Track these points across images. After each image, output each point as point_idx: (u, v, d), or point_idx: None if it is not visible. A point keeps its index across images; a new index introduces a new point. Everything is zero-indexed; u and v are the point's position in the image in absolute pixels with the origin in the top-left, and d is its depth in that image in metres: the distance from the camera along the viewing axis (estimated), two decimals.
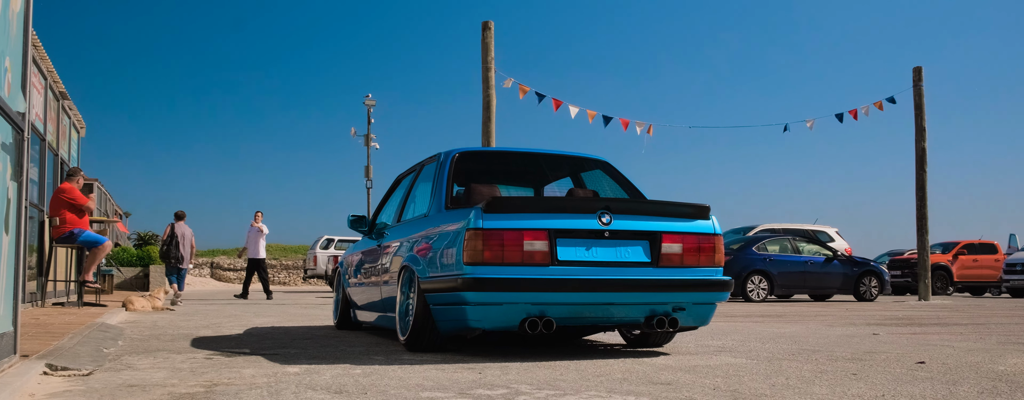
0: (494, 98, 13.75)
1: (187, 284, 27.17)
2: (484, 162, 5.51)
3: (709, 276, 4.48)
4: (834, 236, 21.10)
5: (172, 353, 4.60)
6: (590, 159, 5.60)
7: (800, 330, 6.78)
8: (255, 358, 4.33)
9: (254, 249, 15.81)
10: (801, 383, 3.37)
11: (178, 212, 14.62)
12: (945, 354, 4.63)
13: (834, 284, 16.22)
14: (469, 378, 3.50)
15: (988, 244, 24.15)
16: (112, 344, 5.09)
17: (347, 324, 6.82)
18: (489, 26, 13.96)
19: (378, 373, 3.67)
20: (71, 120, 13.20)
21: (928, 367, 3.97)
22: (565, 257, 4.25)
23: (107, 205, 24.93)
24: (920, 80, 17.31)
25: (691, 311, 4.47)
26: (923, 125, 17.13)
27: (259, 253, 15.77)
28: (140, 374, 3.62)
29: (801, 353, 4.70)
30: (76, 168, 10.43)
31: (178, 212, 14.62)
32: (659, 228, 4.41)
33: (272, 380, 3.42)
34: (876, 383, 3.38)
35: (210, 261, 32.64)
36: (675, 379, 3.49)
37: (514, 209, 4.24)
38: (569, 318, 4.31)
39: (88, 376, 3.54)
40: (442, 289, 4.32)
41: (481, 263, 4.14)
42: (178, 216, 14.59)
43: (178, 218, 14.57)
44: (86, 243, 9.51)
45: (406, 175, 6.09)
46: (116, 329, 6.36)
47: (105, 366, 3.90)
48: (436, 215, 4.79)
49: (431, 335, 4.57)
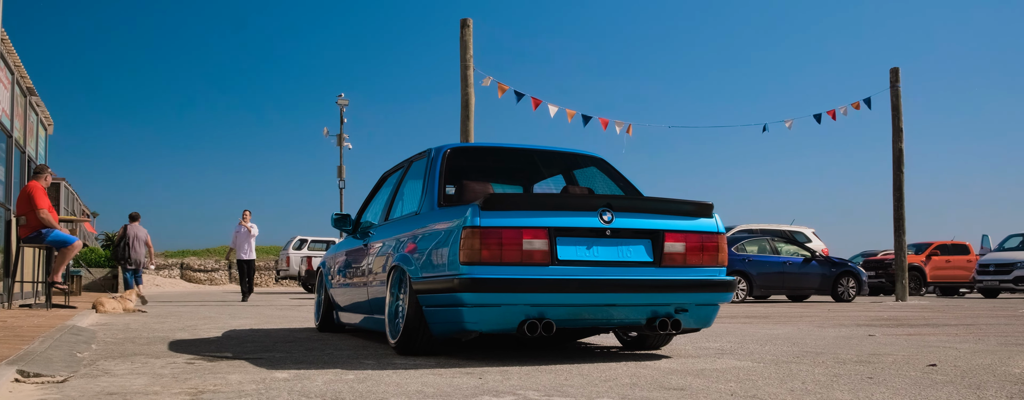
0: (473, 97, 13.57)
1: (157, 286, 26.76)
2: (476, 158, 5.32)
3: (712, 276, 4.32)
4: (811, 236, 21.13)
5: (150, 357, 4.37)
6: (585, 156, 5.43)
7: (793, 331, 6.66)
8: (239, 363, 4.12)
9: (243, 249, 15.46)
10: (819, 388, 3.22)
11: (132, 214, 14.62)
12: (952, 356, 4.51)
13: (812, 285, 16.20)
14: (470, 384, 3.32)
15: (960, 245, 24.31)
16: (85, 348, 4.84)
17: (329, 326, 6.61)
18: (468, 23, 13.79)
19: (373, 379, 3.48)
20: (39, 117, 12.83)
21: (941, 370, 3.84)
22: (565, 257, 4.07)
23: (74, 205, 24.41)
24: (897, 81, 17.35)
25: (694, 313, 4.31)
26: (900, 126, 17.17)
27: (249, 254, 15.42)
28: (119, 381, 3.40)
29: (805, 356, 4.56)
30: (43, 165, 10.10)
31: (132, 214, 14.62)
32: (661, 227, 4.25)
33: (261, 387, 3.22)
34: (897, 387, 3.24)
35: (180, 262, 32.12)
36: (686, 384, 3.33)
37: (513, 206, 4.06)
38: (569, 320, 4.14)
39: (63, 383, 3.31)
40: (437, 290, 4.13)
41: (478, 263, 3.96)
42: (132, 218, 14.57)
43: (132, 219, 14.55)
44: (55, 243, 9.19)
45: (393, 172, 5.88)
46: (88, 332, 6.10)
47: (80, 372, 3.67)
48: (429, 213, 4.60)
49: (423, 338, 4.38)
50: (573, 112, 14.98)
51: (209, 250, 37.35)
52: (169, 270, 31.45)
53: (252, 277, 15.35)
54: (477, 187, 4.81)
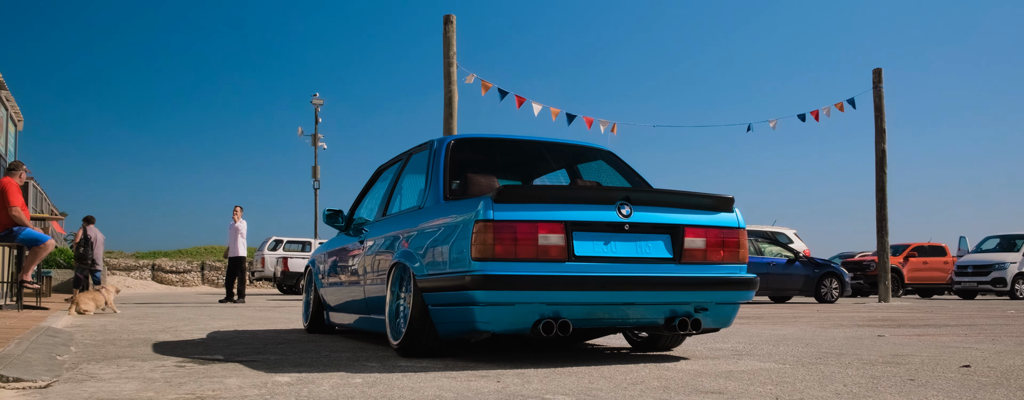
0: (456, 94, 13.31)
1: (128, 287, 26.22)
2: (479, 150, 5.07)
3: (734, 274, 4.12)
4: (792, 237, 21.08)
5: (136, 360, 4.09)
6: (593, 148, 5.21)
7: (797, 332, 6.48)
8: (234, 366, 3.85)
9: (233, 247, 15.07)
10: (864, 390, 3.02)
11: (88, 216, 14.84)
12: (978, 357, 4.34)
13: (795, 285, 16.10)
14: (490, 388, 3.08)
15: (937, 246, 24.41)
16: (64, 350, 4.55)
17: (319, 327, 6.33)
18: (451, 19, 13.53)
19: (383, 382, 3.23)
20: (9, 112, 12.42)
21: (978, 371, 3.66)
22: (582, 252, 3.84)
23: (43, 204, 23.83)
24: (880, 81, 17.32)
25: (714, 312, 4.10)
26: (883, 127, 17.12)
27: (237, 251, 15.02)
28: (107, 386, 3.13)
29: (827, 357, 4.37)
30: (18, 162, 9.72)
31: (88, 216, 14.84)
32: (682, 221, 4.03)
33: (264, 392, 2.96)
34: (946, 389, 3.04)
35: (151, 263, 31.49)
36: (722, 387, 3.11)
37: (527, 199, 3.82)
38: (585, 319, 3.91)
39: (46, 388, 3.03)
40: (445, 288, 3.88)
41: (491, 258, 3.72)
42: (89, 220, 14.72)
43: (89, 222, 14.62)
44: (26, 241, 8.83)
45: (389, 166, 5.62)
46: (65, 334, 5.79)
47: (64, 376, 3.39)
48: (434, 207, 4.35)
49: (428, 339, 4.14)
50: (557, 110, 14.77)
51: (181, 251, 36.68)
52: (140, 271, 30.83)
53: (236, 277, 14.90)
54: (482, 180, 4.56)
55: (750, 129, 16.87)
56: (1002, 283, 20.43)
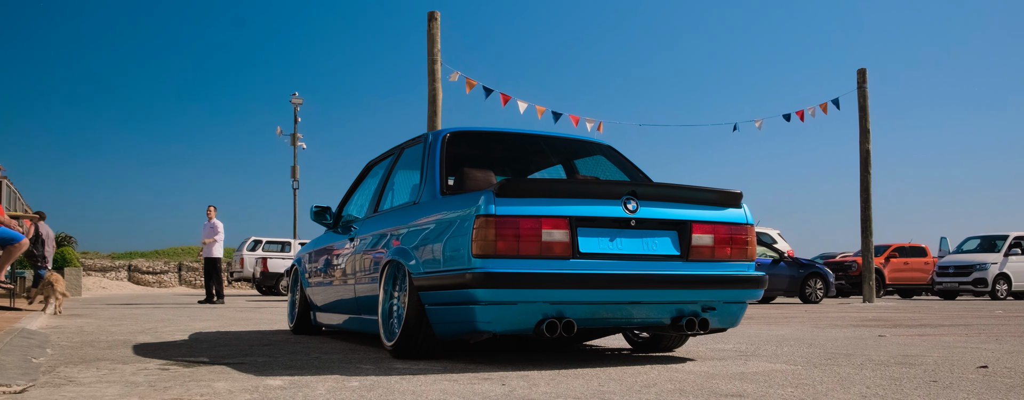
0: (440, 92, 13.13)
1: (103, 288, 25.78)
2: (476, 144, 4.89)
3: (743, 271, 3.97)
4: (776, 238, 21.02)
5: (117, 363, 3.88)
6: (592, 143, 5.05)
7: (795, 332, 6.35)
8: (221, 369, 3.66)
9: (207, 248, 14.80)
10: (889, 392, 2.88)
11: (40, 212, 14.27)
12: (991, 358, 4.22)
13: (780, 286, 16.03)
14: (496, 391, 2.91)
15: (918, 247, 24.48)
16: (40, 353, 4.33)
17: (305, 328, 6.13)
18: (435, 16, 13.34)
19: (381, 386, 3.06)
20: None
21: (997, 372, 3.54)
22: (587, 249, 3.68)
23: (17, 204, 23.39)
24: (864, 82, 17.30)
25: (721, 311, 3.95)
26: (867, 127, 17.11)
27: (211, 252, 14.75)
28: (87, 390, 2.93)
29: (836, 357, 4.23)
30: None
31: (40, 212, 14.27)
32: (689, 217, 3.88)
33: (256, 396, 2.78)
34: (974, 391, 2.91)
35: (128, 264, 31.05)
36: (739, 390, 2.96)
37: (530, 193, 3.66)
38: (589, 319, 3.75)
39: (22, 393, 2.83)
40: (444, 286, 3.71)
41: (493, 255, 3.54)
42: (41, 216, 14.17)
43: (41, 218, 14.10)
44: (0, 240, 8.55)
45: (380, 161, 5.43)
46: (41, 335, 5.55)
47: (40, 380, 3.18)
48: (431, 202, 4.17)
49: (424, 340, 3.96)
50: (543, 109, 14.61)
51: (158, 252, 36.22)
52: (117, 272, 30.38)
53: (211, 278, 14.63)
54: (478, 175, 4.38)
55: (736, 128, 16.81)
56: (983, 284, 20.50)
